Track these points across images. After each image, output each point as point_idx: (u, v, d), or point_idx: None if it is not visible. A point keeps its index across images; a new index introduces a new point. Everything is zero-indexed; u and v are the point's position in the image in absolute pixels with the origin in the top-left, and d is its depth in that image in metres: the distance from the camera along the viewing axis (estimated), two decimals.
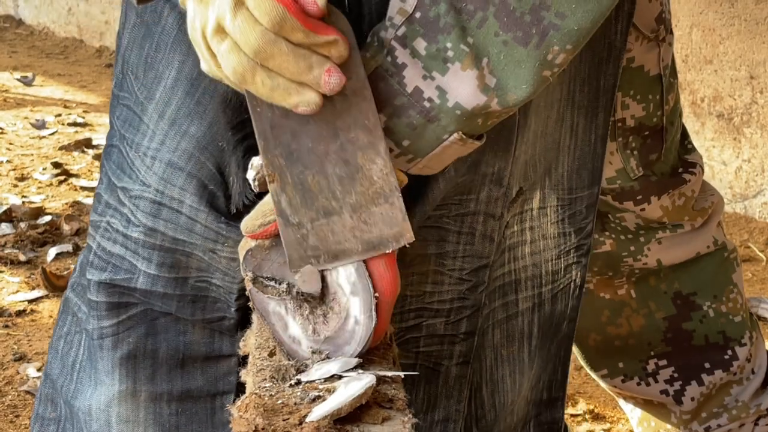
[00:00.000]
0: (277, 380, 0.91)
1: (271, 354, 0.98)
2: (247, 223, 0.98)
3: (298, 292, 0.96)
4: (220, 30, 0.89)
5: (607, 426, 2.22)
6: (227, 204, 1.08)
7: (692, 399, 1.78)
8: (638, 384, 1.80)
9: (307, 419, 0.83)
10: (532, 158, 1.17)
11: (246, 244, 0.99)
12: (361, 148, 0.94)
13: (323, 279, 0.96)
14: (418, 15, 0.92)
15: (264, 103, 0.92)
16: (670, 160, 1.68)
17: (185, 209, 1.08)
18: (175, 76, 1.08)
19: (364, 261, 0.94)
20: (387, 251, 0.94)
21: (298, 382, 0.90)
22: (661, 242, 1.70)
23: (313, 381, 0.91)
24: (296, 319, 0.96)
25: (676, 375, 1.78)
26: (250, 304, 0.99)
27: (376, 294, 0.94)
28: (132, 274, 1.11)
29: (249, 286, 0.97)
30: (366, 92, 0.93)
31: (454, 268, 1.14)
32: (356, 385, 0.87)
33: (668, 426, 1.82)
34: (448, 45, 0.91)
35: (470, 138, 0.95)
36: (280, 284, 0.97)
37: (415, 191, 1.06)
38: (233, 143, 1.06)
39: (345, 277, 0.95)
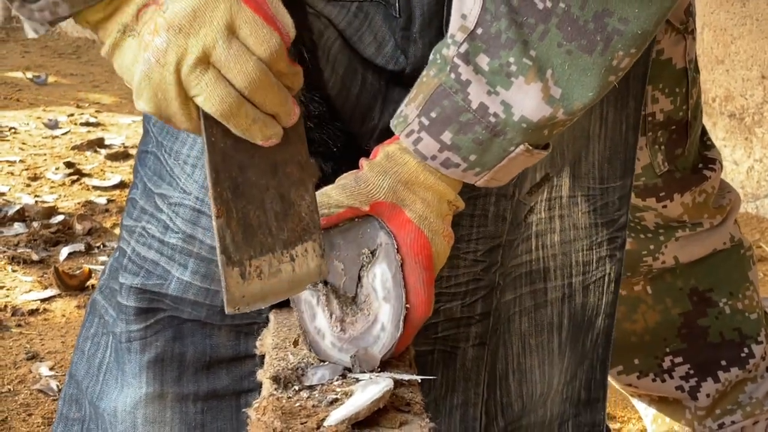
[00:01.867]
0: (279, 388, 0.91)
1: (295, 343, 0.99)
2: None
3: (332, 287, 0.97)
4: (204, 60, 0.86)
5: (617, 426, 2.22)
6: None
7: (707, 395, 1.78)
8: (653, 380, 1.81)
9: (325, 423, 0.83)
10: (559, 144, 1.18)
11: None
12: (294, 184, 0.95)
13: (359, 279, 0.97)
14: (479, 31, 0.93)
15: (219, 133, 0.91)
16: (692, 155, 1.69)
17: None
18: None
19: (402, 271, 0.95)
20: (306, 287, 0.95)
21: (301, 389, 0.91)
22: (679, 240, 1.71)
23: (314, 386, 0.91)
24: (325, 312, 0.97)
25: (692, 372, 1.78)
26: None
27: (407, 305, 0.94)
28: (164, 280, 1.12)
29: None
30: (300, 129, 0.95)
31: (469, 251, 1.15)
32: (374, 388, 0.87)
33: (682, 423, 1.83)
34: (511, 60, 0.92)
35: (536, 148, 0.96)
36: None
37: None
38: None
39: (381, 281, 0.95)
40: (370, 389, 0.87)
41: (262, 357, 1.06)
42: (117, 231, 3.24)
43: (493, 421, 1.26)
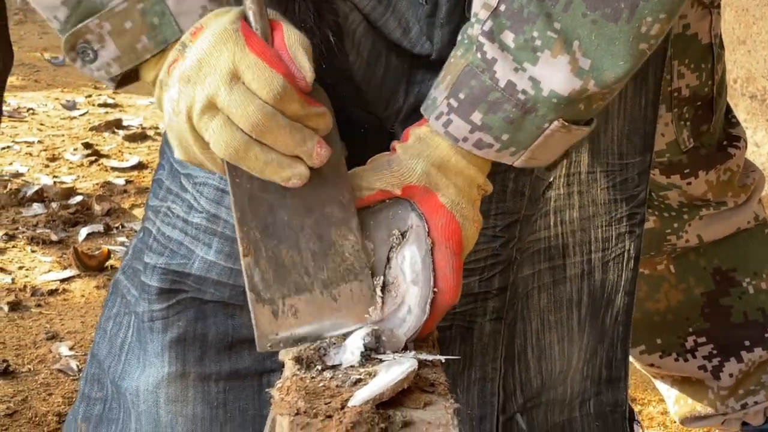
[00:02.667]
0: (302, 368, 0.91)
1: None
2: None
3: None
4: (211, 107, 0.88)
5: (638, 408, 2.21)
6: None
7: (731, 375, 1.78)
8: (676, 360, 1.80)
9: (350, 403, 0.83)
10: None
11: None
12: (335, 224, 0.94)
13: (388, 260, 0.96)
14: (502, 8, 0.92)
15: (244, 174, 0.92)
16: (717, 132, 1.69)
17: None
18: None
19: (432, 255, 0.94)
20: (353, 330, 0.95)
21: (324, 369, 0.91)
22: (703, 219, 1.70)
23: (337, 366, 0.91)
24: None
25: (715, 352, 1.78)
26: None
27: (435, 289, 0.94)
28: (188, 259, 1.12)
29: None
30: (341, 168, 0.95)
31: (488, 226, 1.15)
32: (397, 369, 0.87)
33: (705, 403, 1.83)
34: (535, 34, 0.91)
35: (575, 124, 0.95)
36: None
37: None
38: None
39: (410, 264, 0.95)
40: (393, 370, 0.87)
41: None
42: (135, 212, 3.25)
43: (511, 397, 1.26)
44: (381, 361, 0.91)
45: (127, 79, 0.96)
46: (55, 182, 3.45)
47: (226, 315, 1.13)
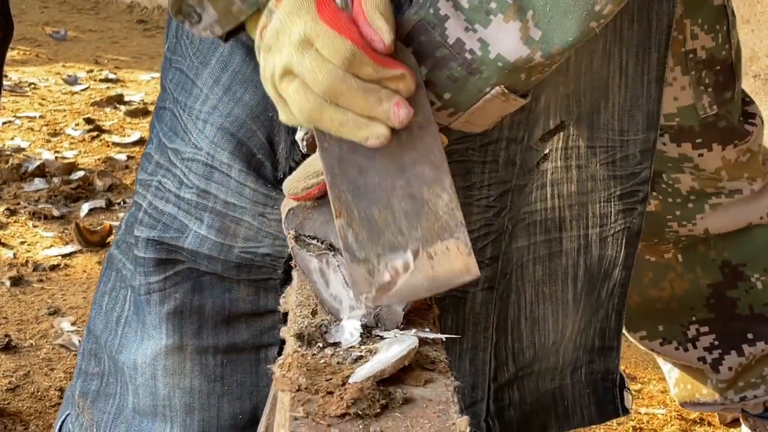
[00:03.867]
0: (303, 345, 0.91)
1: (314, 313, 0.99)
2: (290, 184, 0.98)
3: (339, 251, 0.97)
4: (288, 73, 0.90)
5: (638, 386, 2.22)
6: (274, 173, 1.10)
7: (730, 369, 1.76)
8: (676, 349, 1.79)
9: (350, 380, 0.83)
10: (575, 92, 1.18)
11: (288, 203, 1.00)
12: (427, 183, 0.93)
13: None
14: None
15: (332, 138, 0.92)
16: (738, 104, 1.62)
17: (234, 174, 1.10)
18: (232, 43, 1.09)
19: None
20: (451, 287, 0.94)
21: (325, 346, 0.91)
22: (711, 209, 1.66)
23: (338, 343, 0.91)
24: (338, 277, 0.96)
25: (716, 343, 1.76)
26: (292, 262, 1.00)
27: None
28: (181, 233, 1.12)
29: (291, 243, 0.98)
30: (432, 127, 0.94)
31: (481, 197, 1.16)
32: (398, 346, 0.87)
33: (704, 391, 1.82)
34: None
35: (513, 93, 0.95)
36: (322, 243, 0.97)
37: None
38: None
39: None
40: (394, 347, 0.87)
41: (284, 313, 1.06)
42: None
43: (503, 366, 1.27)
44: (382, 338, 0.91)
45: (236, 33, 0.99)
46: (56, 157, 3.45)
47: (223, 288, 1.14)
